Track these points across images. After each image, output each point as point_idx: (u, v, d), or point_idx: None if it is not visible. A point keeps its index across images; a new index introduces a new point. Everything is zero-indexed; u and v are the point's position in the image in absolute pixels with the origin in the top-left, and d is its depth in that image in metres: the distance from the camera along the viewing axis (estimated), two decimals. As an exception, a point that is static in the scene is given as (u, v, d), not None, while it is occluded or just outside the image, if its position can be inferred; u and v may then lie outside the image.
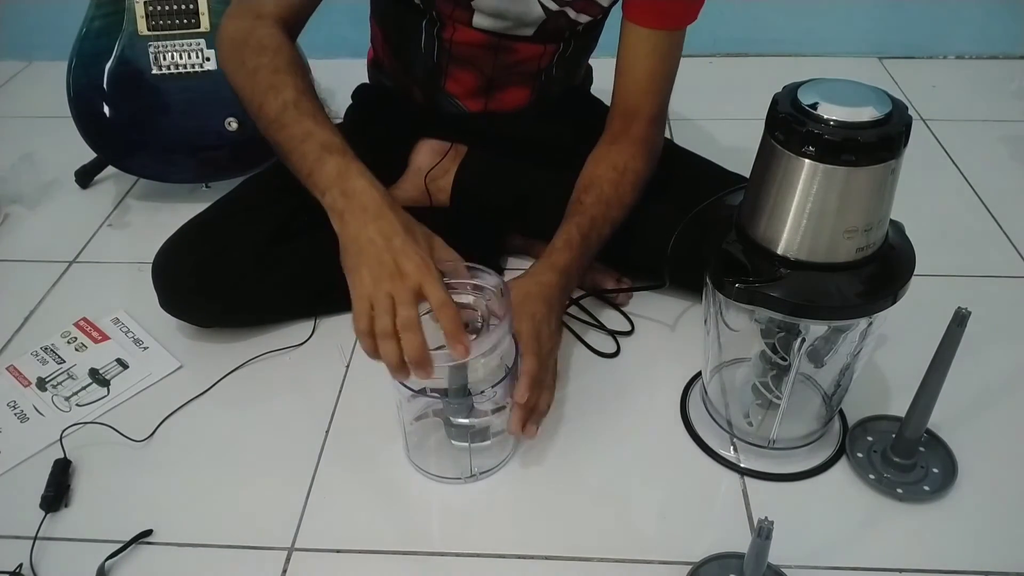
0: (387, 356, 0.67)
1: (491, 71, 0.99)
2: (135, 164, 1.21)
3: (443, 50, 0.97)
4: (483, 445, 0.80)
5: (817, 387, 0.83)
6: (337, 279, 0.72)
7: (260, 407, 0.90)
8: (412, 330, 0.66)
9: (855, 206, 0.63)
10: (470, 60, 0.98)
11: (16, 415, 0.89)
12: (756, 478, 0.80)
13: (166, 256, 0.93)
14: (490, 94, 1.02)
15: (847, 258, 0.65)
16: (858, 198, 0.63)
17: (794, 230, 0.65)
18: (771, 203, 0.66)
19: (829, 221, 0.64)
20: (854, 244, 0.64)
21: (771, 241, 0.67)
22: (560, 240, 0.88)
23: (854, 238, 0.64)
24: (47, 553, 0.75)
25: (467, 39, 0.95)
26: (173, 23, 1.14)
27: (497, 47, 0.96)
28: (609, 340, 0.97)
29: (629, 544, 0.75)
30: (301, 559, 0.74)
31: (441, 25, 0.94)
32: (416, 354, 0.66)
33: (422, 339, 0.66)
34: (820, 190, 0.62)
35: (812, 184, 0.63)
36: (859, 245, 0.65)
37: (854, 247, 0.65)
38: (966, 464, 0.80)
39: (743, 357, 0.85)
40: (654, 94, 0.93)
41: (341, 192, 0.73)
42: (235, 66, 0.83)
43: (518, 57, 0.98)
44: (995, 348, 0.93)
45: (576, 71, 1.09)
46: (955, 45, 1.64)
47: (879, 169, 0.62)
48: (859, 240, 0.64)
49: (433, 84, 1.01)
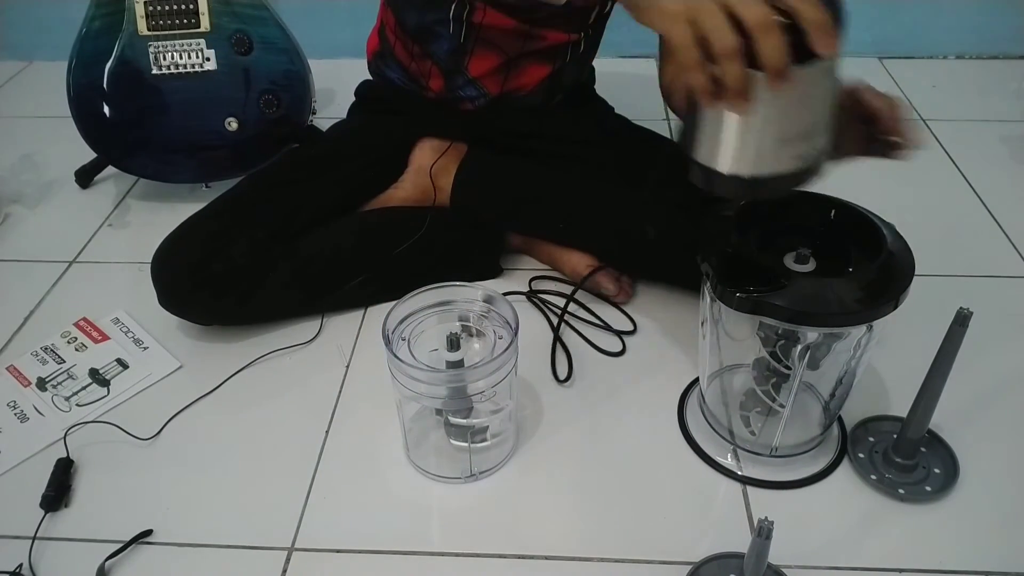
0: (731, 80, 0.55)
1: (515, 54, 0.98)
2: (135, 164, 1.21)
3: (471, 33, 0.96)
4: (482, 445, 0.80)
5: (817, 394, 0.83)
6: (338, 279, 0.72)
7: (260, 407, 0.90)
8: (770, 30, 0.53)
9: (790, 113, 0.58)
10: (496, 43, 0.97)
11: (16, 415, 0.89)
12: (757, 486, 0.79)
13: (166, 253, 0.93)
14: (509, 74, 1.01)
15: (789, 168, 0.61)
16: (789, 104, 0.58)
17: (735, 146, 0.60)
18: (708, 122, 0.61)
19: (765, 130, 0.59)
20: (795, 152, 0.60)
21: (715, 162, 0.62)
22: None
23: (794, 146, 0.60)
24: (47, 553, 0.75)
25: (496, 23, 0.94)
26: (173, 23, 1.14)
27: (527, 35, 0.95)
28: (612, 339, 0.96)
29: (629, 544, 0.74)
30: (301, 559, 0.74)
31: (471, 9, 0.93)
32: (779, 57, 0.53)
33: (782, 39, 0.53)
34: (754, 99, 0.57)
35: None
36: (798, 153, 0.60)
37: (796, 155, 0.60)
38: (968, 464, 0.80)
39: (741, 363, 0.85)
40: None
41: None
42: None
43: (543, 44, 0.97)
44: (995, 348, 0.93)
45: (585, 68, 1.09)
46: (955, 45, 1.63)
47: (808, 71, 0.56)
48: (798, 148, 0.60)
49: (455, 66, 1.01)
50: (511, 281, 1.06)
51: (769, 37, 0.53)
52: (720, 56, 0.54)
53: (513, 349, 0.74)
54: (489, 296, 0.79)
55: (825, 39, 0.53)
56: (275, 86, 1.17)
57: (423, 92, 1.05)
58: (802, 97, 0.58)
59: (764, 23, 0.53)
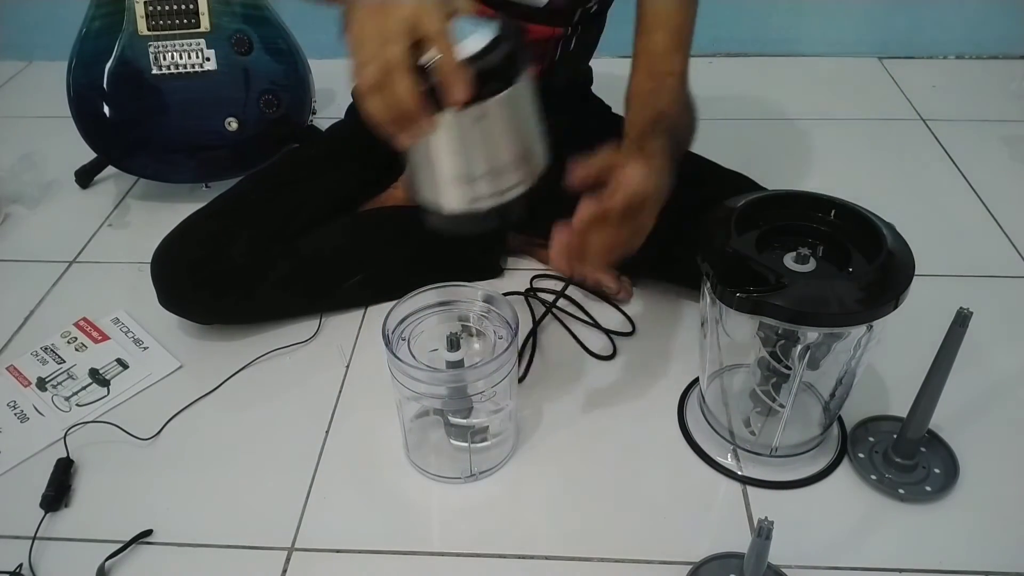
0: (376, 114, 0.56)
1: None
2: (135, 164, 1.21)
3: None
4: (482, 445, 0.80)
5: (817, 394, 0.83)
6: (338, 279, 0.72)
7: (260, 407, 0.90)
8: (397, 72, 0.54)
9: (461, 153, 0.59)
10: None
11: (16, 415, 0.89)
12: (757, 486, 0.79)
13: (165, 252, 0.94)
14: None
15: (461, 207, 0.61)
16: (456, 143, 0.58)
17: (425, 181, 0.62)
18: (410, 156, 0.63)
19: (436, 172, 0.60)
20: (465, 194, 0.61)
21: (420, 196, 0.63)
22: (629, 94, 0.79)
23: (461, 187, 0.60)
24: (47, 553, 0.75)
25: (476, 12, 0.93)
26: (173, 23, 1.14)
27: None
28: (611, 340, 0.97)
29: (629, 544, 0.74)
30: (301, 559, 0.74)
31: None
32: (404, 102, 0.54)
33: (409, 82, 0.54)
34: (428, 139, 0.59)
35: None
36: (472, 195, 0.61)
37: (466, 196, 0.61)
38: (967, 464, 0.80)
39: (741, 363, 0.85)
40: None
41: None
42: None
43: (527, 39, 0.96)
44: (996, 348, 0.93)
45: (578, 65, 1.09)
46: (955, 45, 1.63)
47: (460, 116, 0.57)
48: (470, 190, 0.60)
49: None
50: (511, 281, 1.06)
51: (396, 78, 0.54)
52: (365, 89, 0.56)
53: (513, 349, 0.74)
54: (489, 296, 0.79)
55: (450, 89, 0.54)
56: (275, 86, 1.17)
57: None
58: (465, 138, 0.58)
59: (389, 66, 0.54)
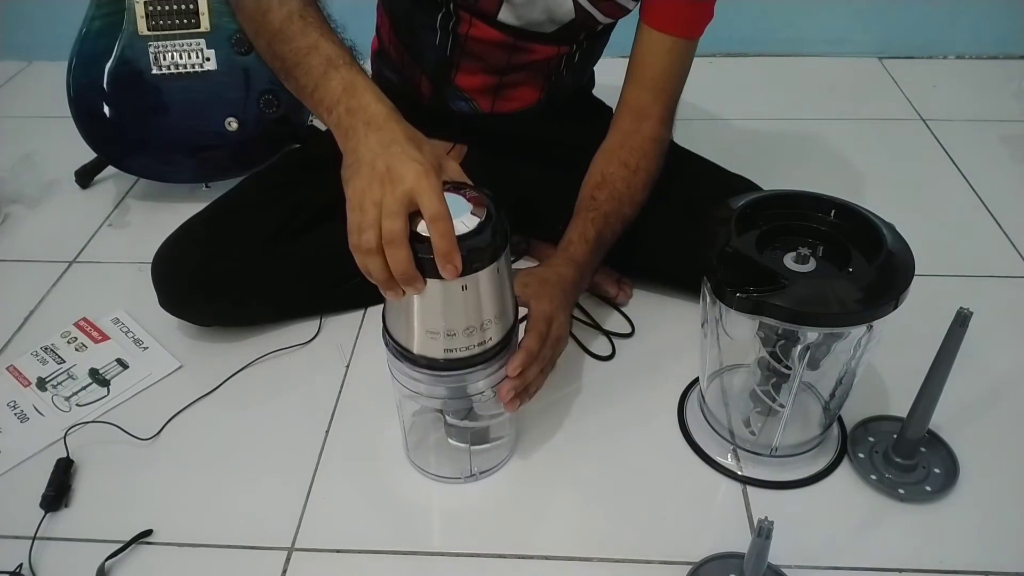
0: (372, 273, 0.64)
1: (503, 69, 0.98)
2: (135, 164, 1.21)
3: (456, 45, 0.96)
4: (483, 446, 0.80)
5: (817, 394, 0.83)
6: (338, 278, 0.72)
7: (260, 407, 0.90)
8: (396, 244, 0.62)
9: (437, 312, 0.66)
10: (482, 57, 0.97)
11: (16, 415, 0.89)
12: (757, 486, 0.79)
13: (166, 254, 0.93)
14: (500, 92, 1.01)
15: (438, 356, 0.68)
16: (436, 304, 0.65)
17: (402, 330, 0.69)
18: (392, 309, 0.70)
19: (415, 323, 0.67)
20: (440, 345, 0.67)
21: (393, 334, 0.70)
22: (575, 234, 0.87)
23: (437, 340, 0.67)
24: (47, 553, 0.75)
25: (482, 35, 0.94)
26: (173, 23, 1.14)
27: (512, 47, 0.95)
28: (611, 341, 0.96)
29: (629, 544, 0.74)
30: (301, 559, 0.74)
31: (456, 20, 0.93)
32: (401, 270, 0.62)
33: (407, 253, 0.62)
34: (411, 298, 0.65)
35: None
36: (446, 347, 0.67)
37: (441, 347, 0.67)
38: (967, 464, 0.80)
39: (741, 363, 0.85)
40: (667, 93, 0.92)
41: (347, 109, 0.70)
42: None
43: (531, 57, 0.97)
44: (995, 348, 0.93)
45: (583, 76, 1.09)
46: (955, 45, 1.63)
47: (448, 284, 0.63)
48: (444, 342, 0.67)
49: (443, 77, 1.01)
50: (511, 281, 1.06)
51: (394, 249, 0.62)
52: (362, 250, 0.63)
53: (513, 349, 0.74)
54: None
55: (444, 266, 0.61)
56: (275, 86, 1.17)
57: (419, 97, 1.05)
58: (446, 301, 0.65)
59: (390, 238, 0.62)
